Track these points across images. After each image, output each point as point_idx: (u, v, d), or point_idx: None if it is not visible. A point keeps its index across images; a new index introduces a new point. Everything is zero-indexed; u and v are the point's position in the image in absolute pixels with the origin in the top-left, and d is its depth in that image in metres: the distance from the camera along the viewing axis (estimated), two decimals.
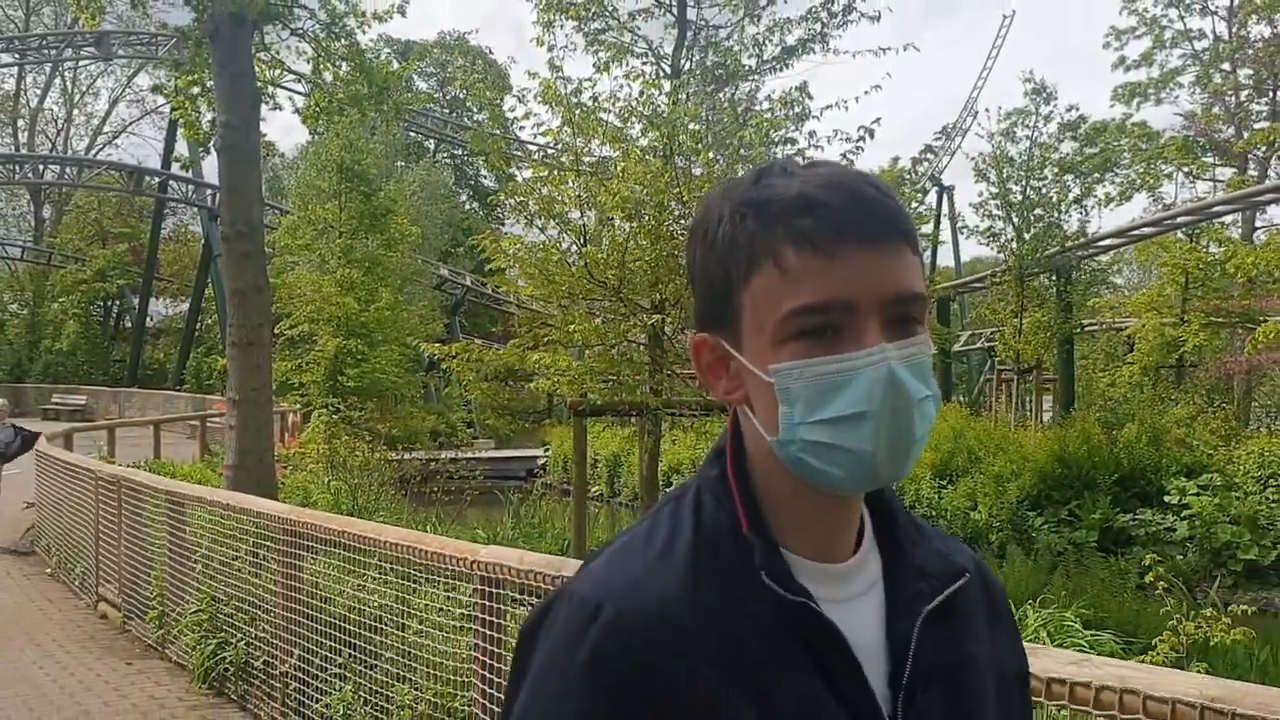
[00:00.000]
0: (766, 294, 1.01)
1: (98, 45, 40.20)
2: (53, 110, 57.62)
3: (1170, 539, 13.86)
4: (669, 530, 1.10)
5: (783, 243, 1.00)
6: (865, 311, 0.98)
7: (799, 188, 1.01)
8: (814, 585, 1.05)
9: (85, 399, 39.84)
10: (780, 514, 1.08)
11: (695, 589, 1.05)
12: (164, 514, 8.49)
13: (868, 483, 1.03)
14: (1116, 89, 35.49)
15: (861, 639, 1.05)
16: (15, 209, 56.76)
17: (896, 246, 1.00)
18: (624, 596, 1.06)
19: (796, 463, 1.03)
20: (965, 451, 16.72)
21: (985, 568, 1.22)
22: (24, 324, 49.62)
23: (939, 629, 1.09)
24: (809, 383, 1.00)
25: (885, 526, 1.14)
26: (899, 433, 0.99)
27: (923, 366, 1.01)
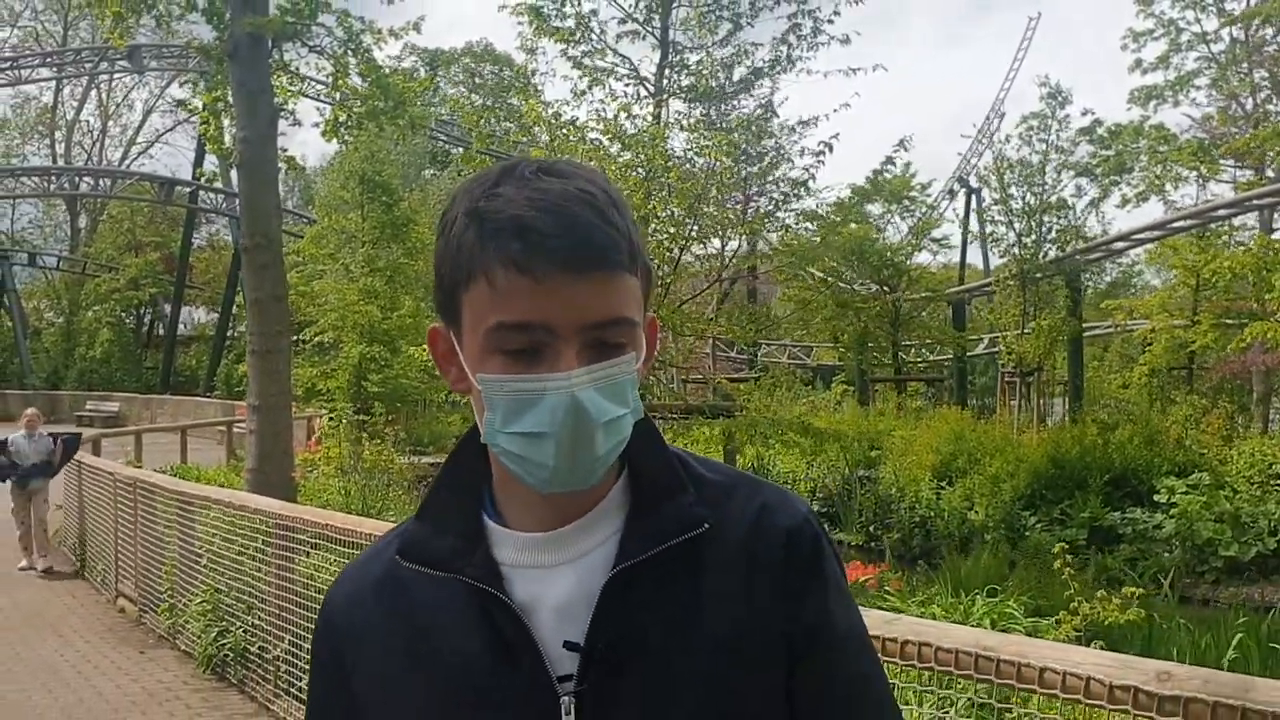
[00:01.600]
0: (479, 304, 1.08)
1: (130, 59, 41.12)
2: (88, 122, 58.86)
3: (1156, 536, 14.19)
4: (409, 524, 1.23)
5: (494, 261, 1.05)
6: (564, 335, 1.05)
7: (518, 209, 1.06)
8: (517, 554, 1.14)
9: (118, 406, 40.63)
10: (506, 492, 1.18)
11: (383, 575, 1.20)
12: (174, 513, 9.07)
13: (555, 489, 1.09)
14: (1133, 91, 35.60)
15: (560, 600, 1.12)
16: (52, 219, 57.96)
17: (603, 274, 1.06)
18: (334, 590, 1.25)
19: (500, 462, 1.14)
20: (965, 454, 17.07)
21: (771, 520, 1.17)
22: (60, 332, 50.64)
23: (651, 591, 1.11)
24: (505, 396, 1.07)
25: (635, 488, 1.18)
26: (580, 451, 1.06)
27: (618, 388, 1.08)
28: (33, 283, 55.21)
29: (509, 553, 1.15)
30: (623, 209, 1.11)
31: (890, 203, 27.97)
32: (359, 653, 1.19)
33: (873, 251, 25.44)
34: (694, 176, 11.34)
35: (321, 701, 1.26)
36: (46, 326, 52.84)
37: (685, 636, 1.11)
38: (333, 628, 1.23)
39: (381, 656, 1.17)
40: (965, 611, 7.46)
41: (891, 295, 26.67)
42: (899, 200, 27.68)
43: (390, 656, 1.17)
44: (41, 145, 57.27)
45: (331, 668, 1.22)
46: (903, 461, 17.77)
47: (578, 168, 1.14)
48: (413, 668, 1.15)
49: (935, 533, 16.05)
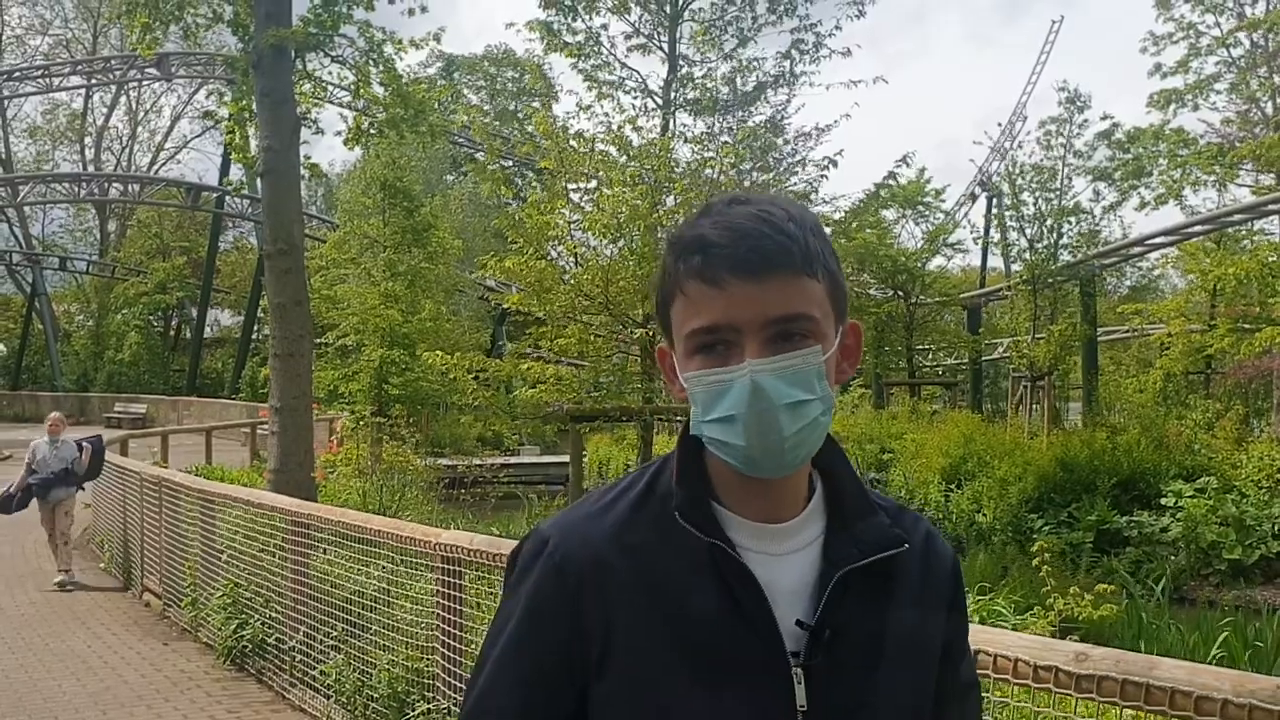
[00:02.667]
0: (680, 316, 1.25)
1: (158, 66, 41.85)
2: (118, 128, 59.74)
3: (1162, 539, 14.34)
4: (625, 487, 1.35)
5: (685, 277, 1.24)
6: (747, 331, 1.20)
7: (703, 230, 1.24)
8: (746, 538, 1.27)
9: (145, 408, 41.25)
10: (726, 483, 1.30)
11: (626, 530, 1.28)
12: (197, 511, 9.42)
13: (755, 469, 1.23)
14: (1152, 95, 35.50)
15: (786, 585, 1.26)
16: (82, 224, 58.82)
17: (776, 276, 1.20)
18: (565, 536, 1.30)
19: (710, 449, 1.27)
20: (975, 457, 17.25)
21: (937, 547, 1.40)
22: (89, 335, 51.42)
23: (862, 589, 1.27)
24: (703, 389, 1.23)
25: (833, 499, 1.33)
26: (766, 430, 1.19)
27: (802, 374, 1.21)
28: (63, 287, 56.07)
29: (741, 536, 1.27)
30: (802, 223, 1.25)
31: (905, 208, 28.16)
32: (603, 601, 1.26)
33: (885, 256, 25.63)
34: (699, 187, 11.64)
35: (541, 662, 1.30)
36: (76, 330, 53.66)
37: (886, 633, 1.29)
38: (570, 574, 1.28)
39: (628, 604, 1.25)
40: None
41: (905, 300, 26.84)
42: (913, 205, 27.86)
43: (636, 605, 1.25)
44: (72, 151, 58.27)
45: (564, 617, 1.27)
46: (913, 464, 17.97)
47: (769, 197, 1.30)
48: (659, 618, 1.24)
49: (944, 535, 16.25)
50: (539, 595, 1.30)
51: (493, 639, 1.35)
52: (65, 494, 12.14)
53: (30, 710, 7.20)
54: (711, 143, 13.30)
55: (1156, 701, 2.79)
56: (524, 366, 11.72)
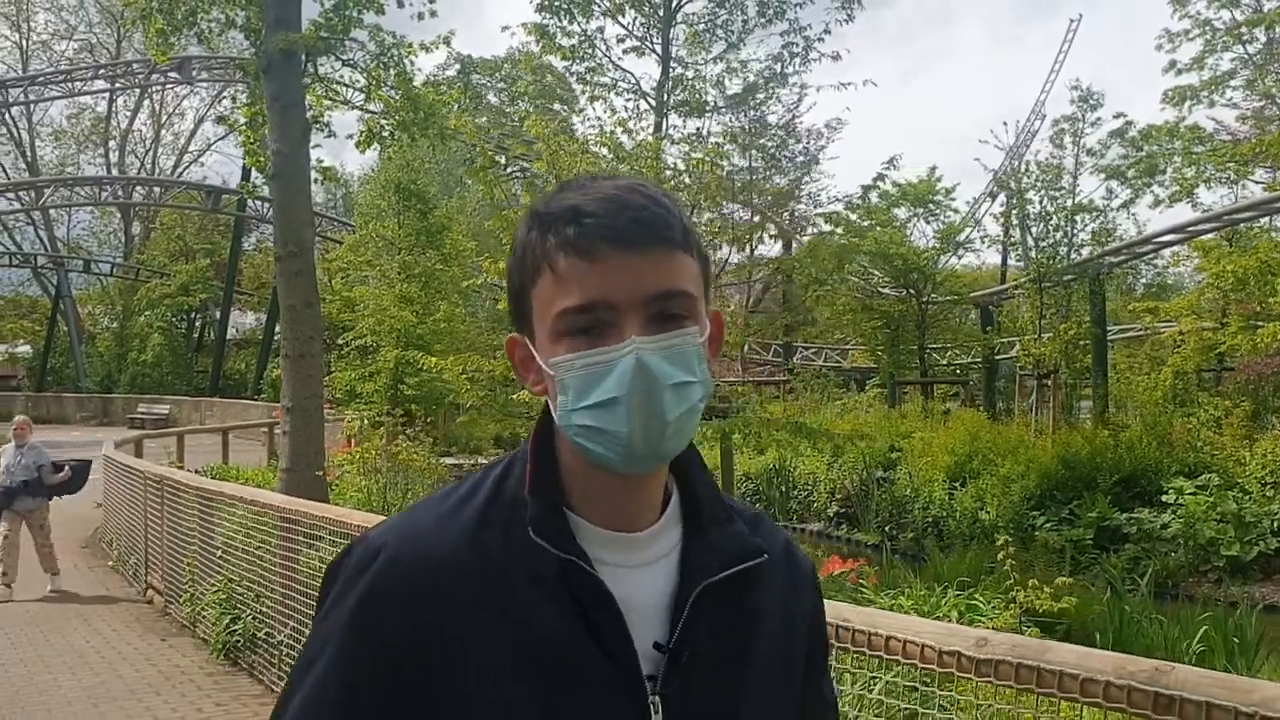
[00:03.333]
0: (545, 296, 1.14)
1: (179, 70, 42.31)
2: (141, 131, 60.37)
3: (1162, 536, 14.36)
4: (468, 492, 1.23)
5: (555, 250, 1.13)
6: (625, 310, 1.11)
7: (574, 201, 1.14)
8: (600, 550, 1.18)
9: (169, 408, 41.67)
10: (581, 488, 1.20)
11: (473, 542, 1.16)
12: (195, 509, 9.64)
13: (632, 461, 1.14)
14: (1166, 92, 35.34)
15: (641, 601, 1.17)
16: (107, 226, 59.48)
17: (655, 250, 1.12)
18: (404, 542, 1.17)
19: (577, 446, 1.16)
20: (981, 455, 17.30)
21: (797, 556, 1.35)
22: (113, 337, 51.99)
23: (721, 604, 1.20)
24: (576, 374, 1.12)
25: (689, 505, 1.26)
26: (651, 413, 1.11)
27: (683, 356, 1.13)
28: (88, 289, 56.71)
29: (594, 547, 1.17)
30: (674, 201, 1.18)
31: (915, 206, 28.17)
32: (440, 619, 1.14)
33: (896, 255, 25.68)
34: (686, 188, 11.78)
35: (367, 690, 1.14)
36: (101, 331, 54.26)
37: (748, 651, 1.22)
38: (403, 585, 1.15)
39: (469, 624, 1.14)
40: (935, 604, 7.79)
41: (917, 298, 26.86)
42: (923, 204, 27.87)
43: (478, 626, 1.14)
44: (96, 155, 58.92)
45: (389, 636, 1.14)
46: (919, 463, 18.03)
47: (633, 177, 1.24)
48: (505, 640, 1.14)
49: (947, 532, 16.30)
50: (367, 612, 1.15)
51: (304, 667, 1.18)
52: (33, 504, 11.23)
53: (25, 704, 7.42)
54: (700, 143, 13.41)
55: (1047, 684, 2.92)
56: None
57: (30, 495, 11.21)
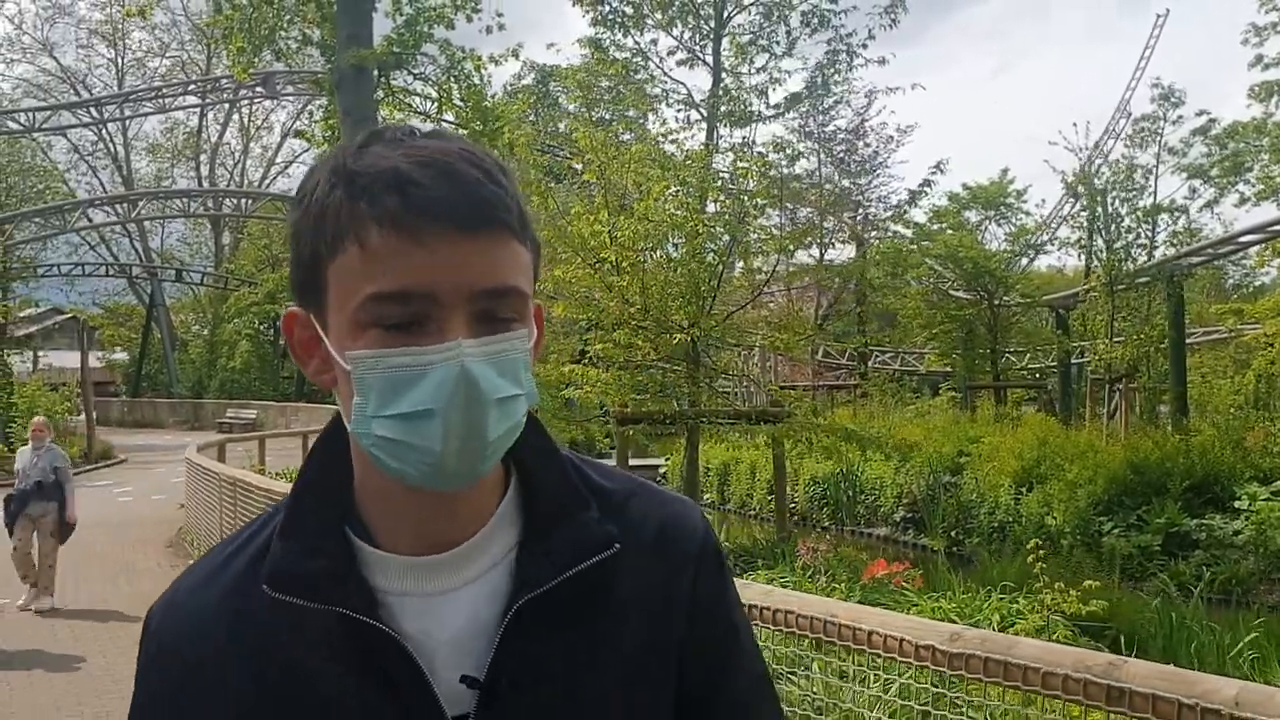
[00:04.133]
0: (349, 274, 0.95)
1: (264, 85, 43.50)
2: (230, 144, 62.15)
3: (1233, 543, 14.11)
4: (250, 534, 1.08)
5: (367, 221, 0.94)
6: (449, 304, 0.94)
7: (394, 162, 0.95)
8: (396, 581, 1.02)
9: (255, 413, 42.85)
10: (376, 508, 1.04)
11: (233, 602, 1.03)
12: (262, 508, 10.06)
13: (439, 482, 0.97)
14: (1252, 88, 34.52)
15: (454, 631, 1.01)
16: (199, 237, 61.33)
17: (492, 236, 0.95)
18: (165, 612, 1.06)
19: (372, 457, 0.98)
20: (1049, 460, 17.15)
21: (676, 532, 1.14)
22: (204, 344, 53.64)
23: (555, 615, 1.03)
24: (382, 374, 0.94)
25: (529, 503, 1.08)
26: (470, 433, 0.94)
27: (512, 364, 0.97)
28: (180, 297, 58.55)
29: (388, 579, 1.02)
30: (510, 175, 1.01)
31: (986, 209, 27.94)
32: (208, 692, 1.02)
33: (967, 258, 25.50)
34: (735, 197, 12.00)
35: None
36: (192, 338, 55.99)
37: (592, 663, 1.04)
38: (173, 660, 1.05)
39: (237, 696, 1.01)
40: (976, 607, 7.86)
41: (989, 301, 26.64)
42: (995, 207, 27.62)
43: (247, 697, 1.01)
44: (188, 168, 60.77)
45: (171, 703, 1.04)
46: (986, 467, 17.93)
47: (456, 136, 1.03)
48: (281, 713, 1.00)
49: (1013, 538, 16.20)
50: (145, 697, 1.06)
51: None
52: (44, 509, 10.65)
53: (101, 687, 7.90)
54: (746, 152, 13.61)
55: (1013, 677, 3.06)
56: (566, 369, 12.22)
57: (44, 499, 10.60)
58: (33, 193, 49.97)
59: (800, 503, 21.23)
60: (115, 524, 17.58)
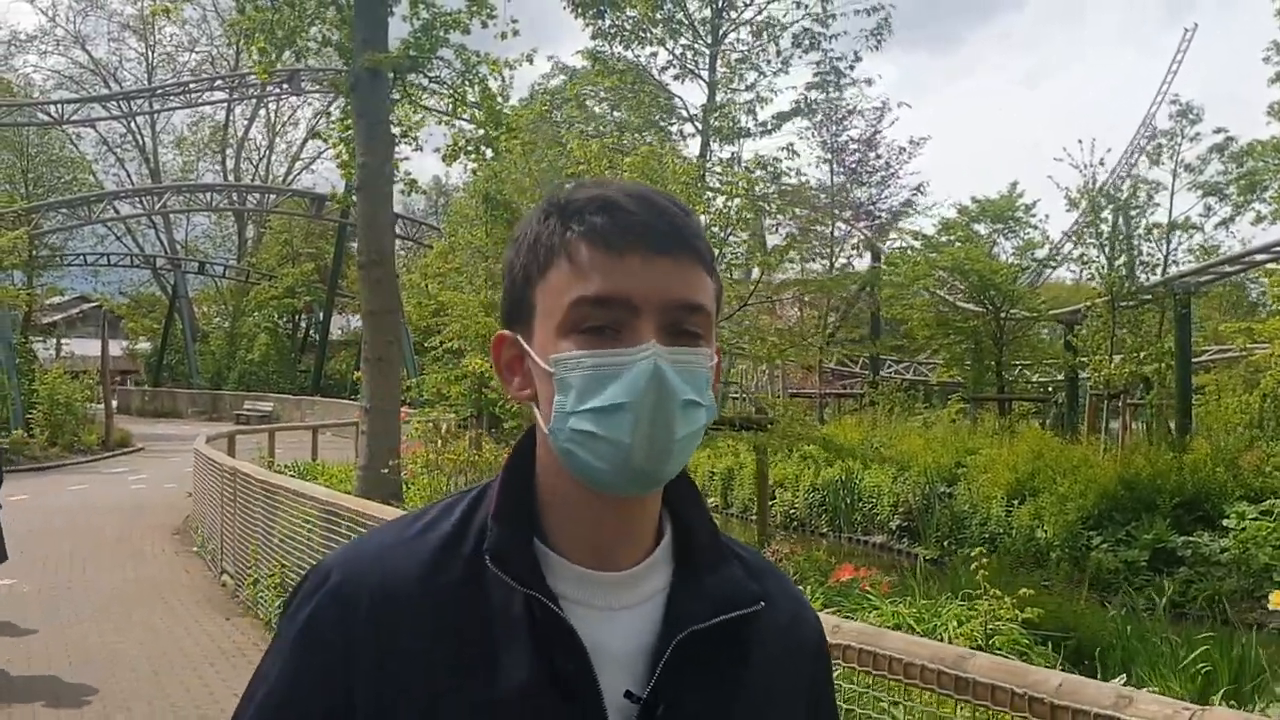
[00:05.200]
0: (558, 286, 1.05)
1: (289, 82, 44.12)
2: (256, 139, 62.86)
3: (1218, 560, 14.28)
4: (436, 517, 1.14)
5: (577, 238, 1.05)
6: (645, 312, 1.03)
7: (603, 191, 1.08)
8: (573, 588, 1.08)
9: (272, 406, 43.36)
10: (559, 516, 1.11)
11: (428, 574, 1.08)
12: (260, 499, 10.43)
13: (628, 478, 1.04)
14: (1272, 105, 34.57)
15: (617, 648, 1.07)
16: (222, 230, 62.06)
17: (685, 258, 1.06)
18: (354, 568, 1.10)
19: (565, 454, 1.06)
20: (1043, 473, 17.33)
21: (804, 614, 1.25)
22: (225, 336, 54.31)
23: (707, 655, 1.09)
24: (583, 373, 1.03)
25: (682, 544, 1.16)
26: (659, 427, 1.02)
27: (696, 375, 1.05)
28: (204, 289, 59.26)
29: (566, 585, 1.09)
30: (697, 216, 1.13)
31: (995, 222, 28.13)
32: (391, 649, 1.06)
33: (973, 271, 25.69)
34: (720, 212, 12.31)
35: (305, 688, 1.09)
36: (213, 330, 56.68)
37: (731, 706, 1.11)
38: (356, 610, 1.07)
39: (421, 660, 1.05)
40: (935, 611, 8.13)
41: (995, 315, 26.81)
42: (1003, 220, 27.80)
43: (432, 664, 1.05)
44: (214, 162, 61.56)
45: (338, 654, 1.07)
46: (981, 479, 18.14)
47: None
48: (458, 686, 1.05)
49: (1002, 549, 16.41)
50: (314, 633, 1.09)
51: (254, 686, 1.14)
52: None
53: (96, 666, 8.27)
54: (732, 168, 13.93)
55: (881, 666, 3.36)
56: None
57: None
58: (60, 183, 50.78)
59: (800, 509, 21.48)
60: (127, 509, 18.06)
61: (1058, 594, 11.59)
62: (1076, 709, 2.78)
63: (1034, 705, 2.87)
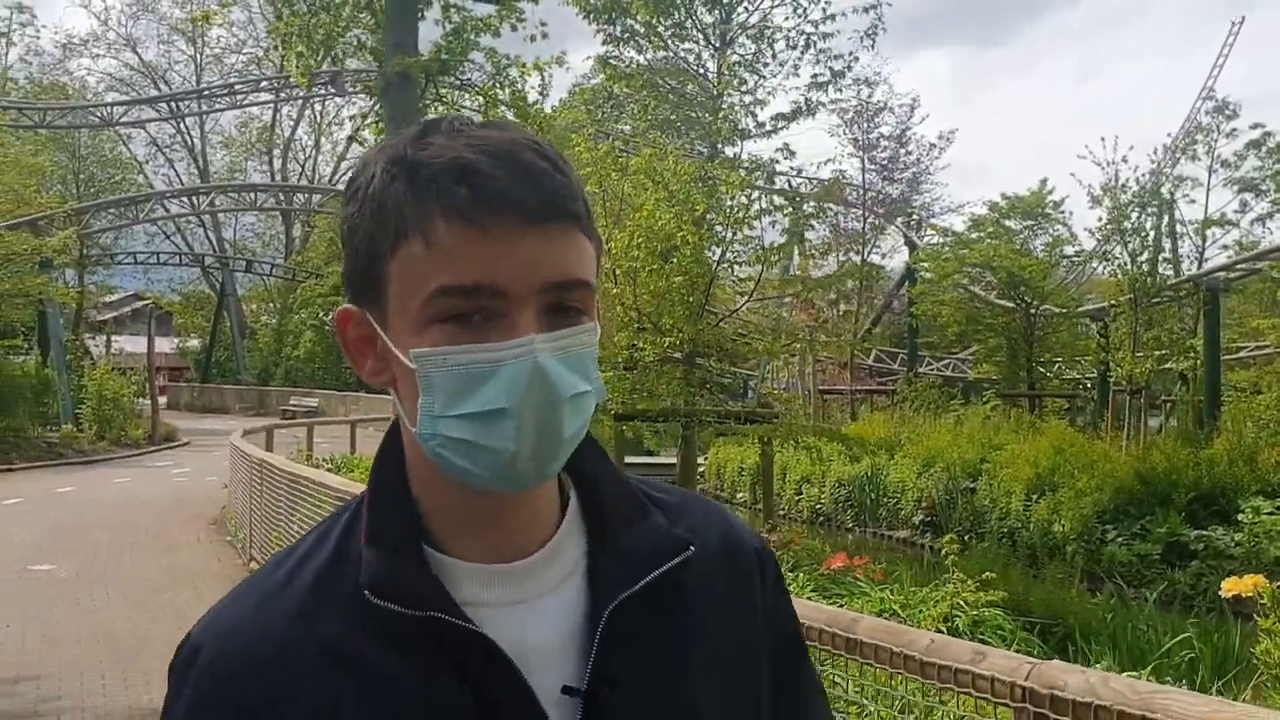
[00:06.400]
0: (413, 269, 0.91)
1: (332, 83, 44.84)
2: (302, 139, 63.93)
3: (1230, 554, 14.36)
4: (308, 550, 1.03)
5: (433, 213, 0.90)
6: (519, 297, 0.91)
7: (459, 153, 0.91)
8: (479, 590, 0.99)
9: (317, 401, 44.22)
10: (445, 518, 1.00)
11: (312, 619, 0.96)
12: (284, 488, 10.91)
13: (511, 484, 0.95)
14: None
15: (542, 639, 0.98)
16: (270, 229, 63.22)
17: (561, 227, 0.92)
18: (225, 636, 0.98)
19: (437, 458, 0.94)
20: (1063, 468, 17.46)
21: (737, 537, 1.14)
22: (272, 333, 55.36)
23: (645, 619, 1.01)
24: (450, 372, 0.91)
25: (591, 505, 1.06)
26: (545, 431, 0.92)
27: (581, 359, 0.94)
28: (253, 287, 60.41)
29: (472, 589, 0.99)
30: (572, 166, 0.98)
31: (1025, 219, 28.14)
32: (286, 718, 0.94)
33: (1001, 267, 25.76)
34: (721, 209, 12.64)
35: None
36: (261, 327, 57.79)
37: (683, 665, 1.03)
38: (235, 685, 0.95)
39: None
40: (922, 599, 8.38)
41: (1026, 310, 26.85)
42: (1033, 217, 27.82)
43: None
44: (261, 162, 62.72)
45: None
46: (1003, 474, 18.29)
47: (516, 125, 1.02)
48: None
49: (1021, 543, 16.57)
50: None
51: None
52: None
53: (120, 648, 8.79)
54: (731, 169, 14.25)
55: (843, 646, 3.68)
56: None
57: None
58: (110, 183, 52.01)
59: (825, 504, 21.72)
60: (168, 501, 18.71)
61: (1048, 584, 11.79)
62: (941, 664, 3.10)
63: (908, 662, 3.20)
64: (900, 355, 39.66)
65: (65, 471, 24.42)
